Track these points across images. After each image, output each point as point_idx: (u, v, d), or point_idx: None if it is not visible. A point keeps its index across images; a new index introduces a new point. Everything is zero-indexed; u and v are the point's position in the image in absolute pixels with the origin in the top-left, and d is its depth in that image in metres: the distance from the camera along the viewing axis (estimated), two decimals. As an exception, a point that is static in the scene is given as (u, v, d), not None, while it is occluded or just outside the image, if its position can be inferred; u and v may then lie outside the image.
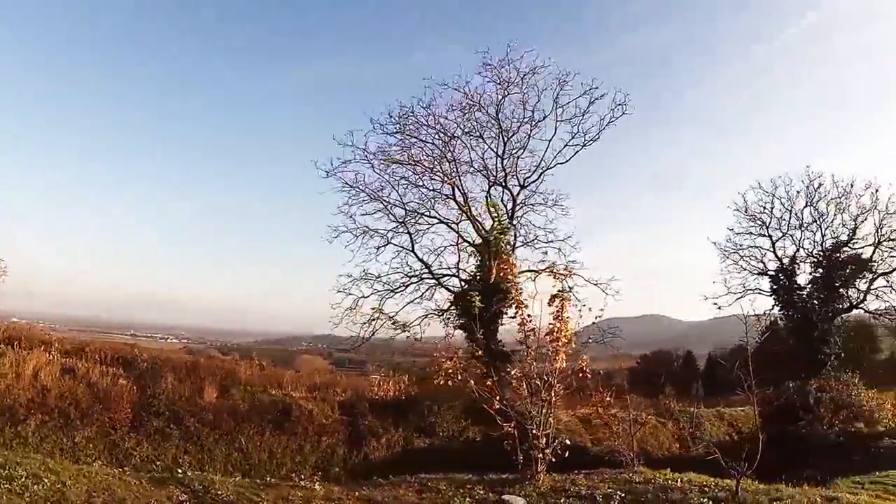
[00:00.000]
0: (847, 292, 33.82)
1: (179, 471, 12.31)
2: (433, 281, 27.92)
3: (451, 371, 12.47)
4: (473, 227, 27.44)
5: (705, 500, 10.51)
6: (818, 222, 33.04)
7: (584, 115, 27.03)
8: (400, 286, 27.64)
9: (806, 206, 32.96)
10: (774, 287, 33.64)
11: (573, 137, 27.27)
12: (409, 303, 27.40)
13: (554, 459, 12.42)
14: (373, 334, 27.09)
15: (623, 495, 10.84)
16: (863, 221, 32.03)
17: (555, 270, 21.97)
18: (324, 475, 15.86)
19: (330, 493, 11.04)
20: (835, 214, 32.60)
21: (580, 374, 12.81)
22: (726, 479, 11.82)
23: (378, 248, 27.60)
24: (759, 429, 13.63)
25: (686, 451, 24.87)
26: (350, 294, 27.01)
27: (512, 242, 27.22)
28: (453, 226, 28.14)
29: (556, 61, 28.03)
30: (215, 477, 11.48)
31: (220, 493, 10.12)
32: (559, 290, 12.73)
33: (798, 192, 33.17)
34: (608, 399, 14.94)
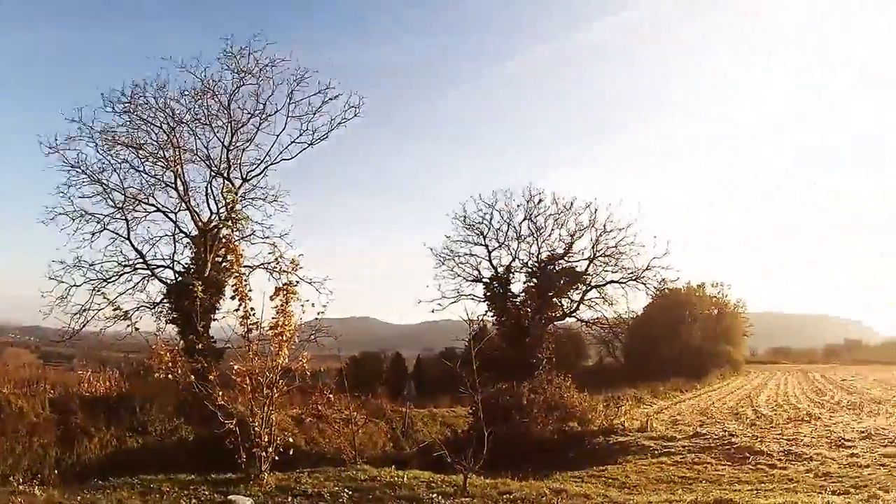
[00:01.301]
0: (560, 302, 47.22)
1: None
2: (147, 272, 35.90)
3: (171, 364, 15.88)
4: (192, 217, 35.41)
5: (434, 495, 14.25)
6: (535, 235, 45.84)
7: (315, 113, 36.39)
8: (113, 276, 35.49)
9: (525, 219, 46.41)
10: (488, 294, 46.29)
11: (301, 135, 36.63)
12: (121, 294, 35.06)
13: (277, 458, 15.83)
14: (83, 326, 33.93)
15: (350, 493, 14.24)
16: (579, 237, 46.81)
17: (280, 264, 27.23)
18: (39, 479, 18.78)
19: (52, 499, 13.31)
20: (552, 229, 46.62)
21: (301, 372, 16.75)
22: (452, 476, 15.93)
23: (93, 233, 35.40)
24: (482, 427, 19.12)
25: (400, 451, 32.01)
26: (62, 282, 34.34)
27: (231, 235, 34.04)
28: (171, 215, 36.23)
29: (299, 58, 36.30)
30: None
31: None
32: (285, 283, 16.35)
33: (518, 206, 46.65)
34: (329, 397, 19.77)
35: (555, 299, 45.73)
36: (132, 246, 35.59)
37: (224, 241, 33.27)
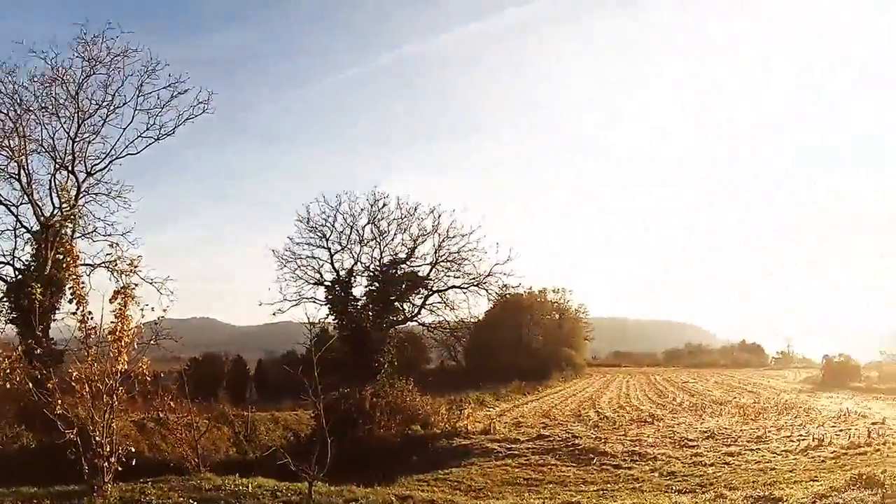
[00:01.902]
0: (402, 306, 48.27)
1: None
2: (-15, 269, 32.95)
3: (7, 371, 15.48)
4: (34, 212, 35.05)
5: (280, 503, 14.85)
6: (378, 239, 47.28)
7: (163, 107, 37.07)
8: (-49, 272, 32.48)
9: (368, 223, 47.32)
10: (329, 297, 47.08)
11: (148, 129, 37.16)
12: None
13: (120, 468, 15.74)
14: None
15: (196, 503, 14.67)
16: (422, 242, 47.92)
17: (118, 265, 27.20)
18: None
19: None
20: (396, 233, 47.55)
21: (141, 377, 16.63)
22: (297, 483, 16.27)
23: (-64, 226, 32.01)
24: (325, 432, 19.95)
25: (244, 456, 31.87)
26: None
27: (71, 232, 34.53)
28: (13, 209, 35.74)
29: (153, 48, 37.42)
30: None
31: None
32: (123, 286, 16.36)
33: (362, 209, 47.85)
34: (169, 403, 19.86)
35: (396, 303, 46.76)
36: (-31, 239, 32.93)
37: (63, 239, 32.44)
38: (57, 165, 36.14)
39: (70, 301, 16.22)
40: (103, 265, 34.29)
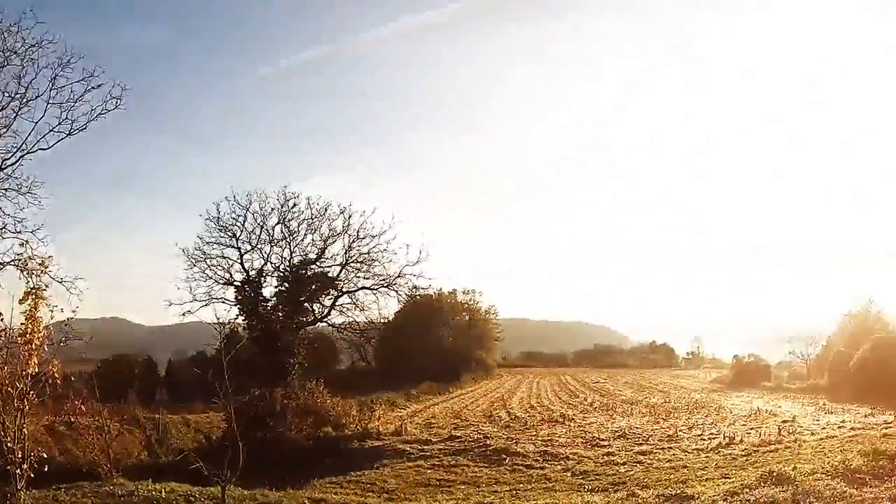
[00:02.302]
0: (312, 307, 48.29)
1: None
2: None
3: None
4: None
5: None
6: (288, 239, 47.44)
7: (77, 101, 35.77)
8: None
9: (278, 223, 47.22)
10: (239, 297, 46.80)
11: (60, 123, 36.04)
12: None
13: (32, 475, 15.13)
14: None
15: None
16: (332, 243, 47.55)
17: (28, 264, 26.75)
18: None
19: None
20: (306, 234, 47.66)
21: (52, 380, 15.86)
22: (209, 487, 16.18)
23: None
24: (236, 435, 19.97)
25: (157, 460, 31.29)
26: None
27: None
28: None
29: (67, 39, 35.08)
30: None
31: None
32: (34, 287, 15.99)
33: (273, 209, 47.69)
34: (79, 406, 19.65)
35: (306, 304, 46.62)
36: None
37: None
38: (-34, 160, 33.78)
39: (-23, 302, 15.92)
40: (12, 263, 33.57)
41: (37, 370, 15.80)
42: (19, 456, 15.27)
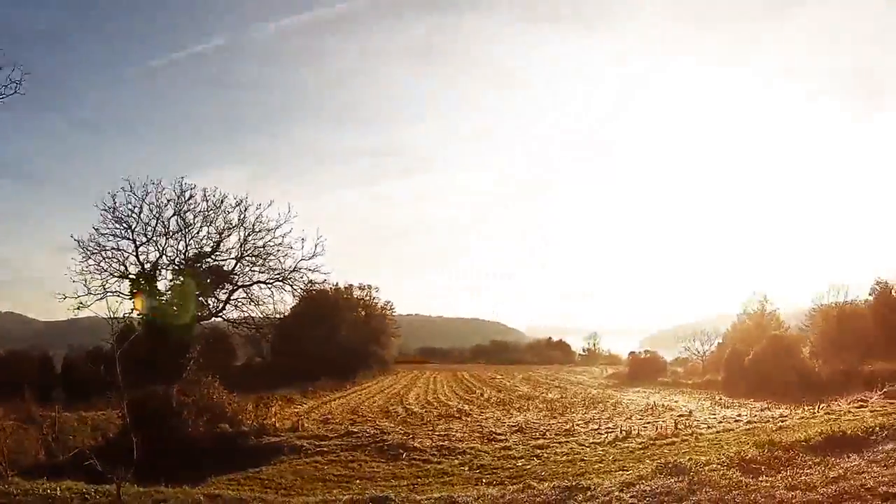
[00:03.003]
0: (207, 301, 47.74)
1: None
2: None
3: None
4: None
5: None
6: (184, 232, 46.50)
7: None
8: None
9: (174, 214, 46.15)
10: (135, 291, 45.89)
11: None
12: None
13: None
14: None
15: None
16: (228, 236, 46.72)
17: None
18: None
19: None
20: (202, 226, 46.67)
21: None
22: (106, 485, 15.88)
23: None
24: (130, 433, 19.81)
25: (54, 459, 30.99)
26: None
27: None
28: None
29: None
30: None
31: None
32: None
33: (169, 200, 46.70)
34: None
35: (202, 298, 45.89)
36: None
37: None
38: None
39: None
40: None
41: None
42: None
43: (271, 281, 48.33)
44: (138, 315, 44.75)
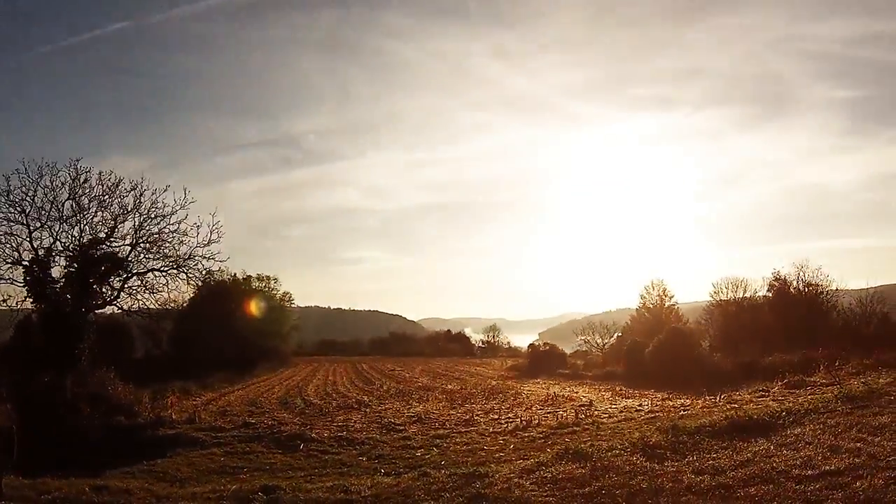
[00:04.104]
0: (102, 289, 46.06)
1: None
2: None
3: None
4: None
5: None
6: (78, 216, 44.84)
7: None
8: None
9: (69, 198, 44.77)
10: (28, 279, 44.14)
11: None
12: None
13: None
14: None
15: None
16: (123, 221, 45.06)
17: None
18: None
19: None
20: (97, 211, 45.24)
21: None
22: None
23: None
24: (13, 424, 19.12)
25: None
26: None
27: None
28: None
29: None
30: None
31: None
32: None
33: (63, 183, 45.22)
34: None
35: (95, 286, 44.35)
36: None
37: None
38: None
39: None
40: None
41: None
42: None
43: (166, 268, 46.70)
44: (33, 304, 43.01)
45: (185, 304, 62.67)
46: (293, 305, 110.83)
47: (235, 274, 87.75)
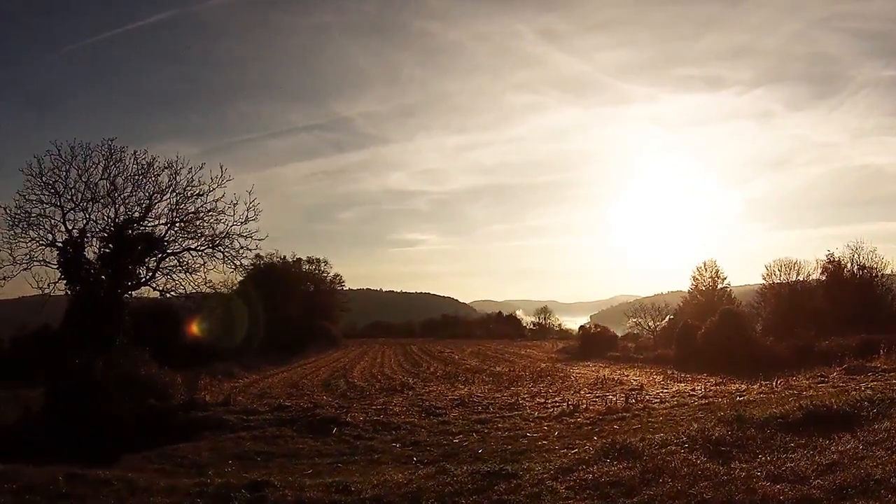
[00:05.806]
0: (137, 270, 44.92)
1: None
2: None
3: None
4: None
5: None
6: (112, 197, 43.98)
7: None
8: None
9: (102, 178, 43.97)
10: (62, 260, 42.91)
11: None
12: None
13: None
14: None
15: None
16: (158, 201, 43.66)
17: None
18: None
19: None
20: (132, 191, 44.17)
21: None
22: None
23: None
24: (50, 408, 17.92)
25: None
26: None
27: None
28: None
29: None
30: None
31: None
32: None
33: (97, 163, 43.97)
34: None
35: (131, 267, 42.91)
36: None
37: None
38: None
39: None
40: None
41: None
42: None
43: (202, 248, 45.05)
44: (66, 285, 41.69)
45: (234, 286, 61.59)
46: (344, 288, 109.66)
47: (285, 256, 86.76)
